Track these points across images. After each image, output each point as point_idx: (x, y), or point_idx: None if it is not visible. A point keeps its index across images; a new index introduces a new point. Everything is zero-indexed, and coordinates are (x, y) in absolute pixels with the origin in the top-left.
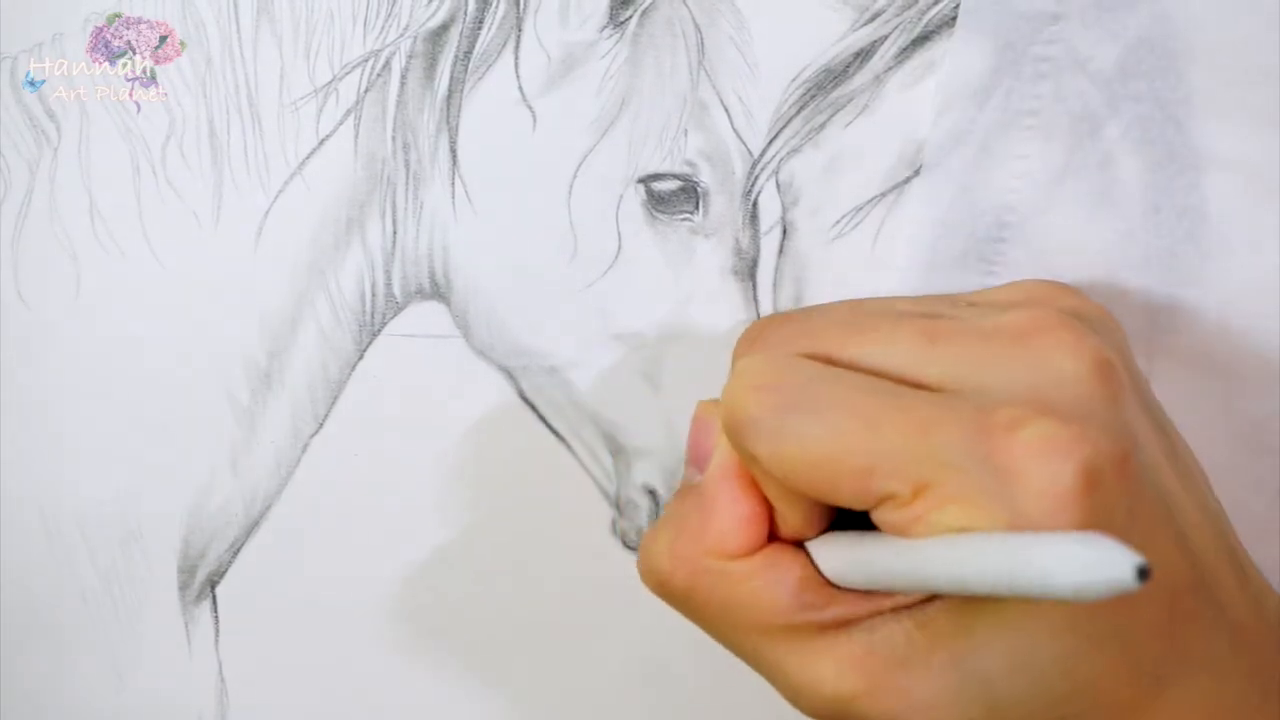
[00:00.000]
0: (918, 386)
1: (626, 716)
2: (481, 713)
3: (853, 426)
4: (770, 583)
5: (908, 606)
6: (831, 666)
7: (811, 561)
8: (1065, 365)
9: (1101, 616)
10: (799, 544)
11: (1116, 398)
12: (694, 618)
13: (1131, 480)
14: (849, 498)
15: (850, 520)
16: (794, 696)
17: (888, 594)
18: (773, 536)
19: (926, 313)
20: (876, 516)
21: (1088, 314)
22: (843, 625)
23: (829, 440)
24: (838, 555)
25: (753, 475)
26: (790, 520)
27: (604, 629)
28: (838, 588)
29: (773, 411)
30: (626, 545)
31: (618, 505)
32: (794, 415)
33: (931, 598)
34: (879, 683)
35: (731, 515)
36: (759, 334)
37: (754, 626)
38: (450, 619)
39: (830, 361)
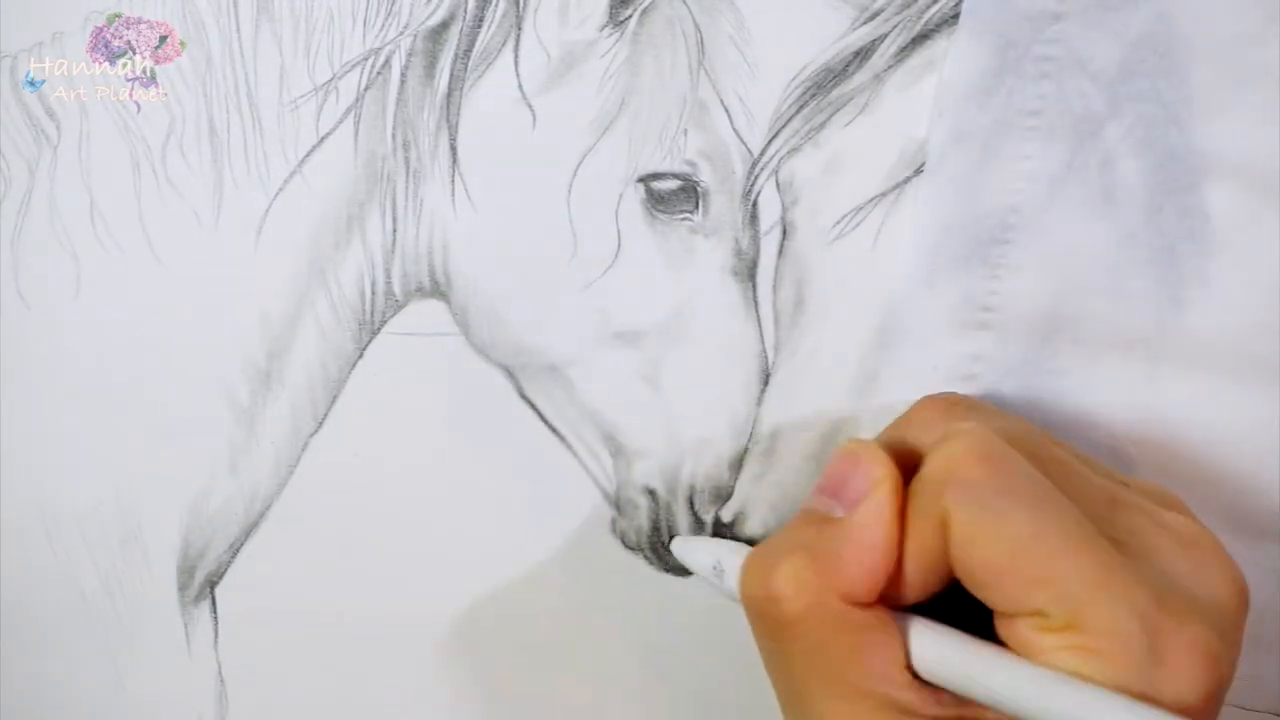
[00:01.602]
0: None
1: (626, 716)
2: (481, 712)
3: (1055, 537)
4: (876, 644)
5: None
6: None
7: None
8: (1221, 589)
9: None
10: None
11: (1243, 631)
12: (776, 646)
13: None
14: (1001, 597)
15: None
16: None
17: (958, 703)
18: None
19: (1095, 470)
20: (1009, 625)
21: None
22: (913, 715)
23: (1028, 538)
24: (945, 645)
25: (901, 528)
26: (911, 582)
27: (604, 628)
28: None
29: (991, 485)
30: (626, 545)
31: (617, 505)
32: (1009, 499)
33: None
34: None
35: (873, 564)
36: (971, 405)
37: (838, 678)
38: (450, 618)
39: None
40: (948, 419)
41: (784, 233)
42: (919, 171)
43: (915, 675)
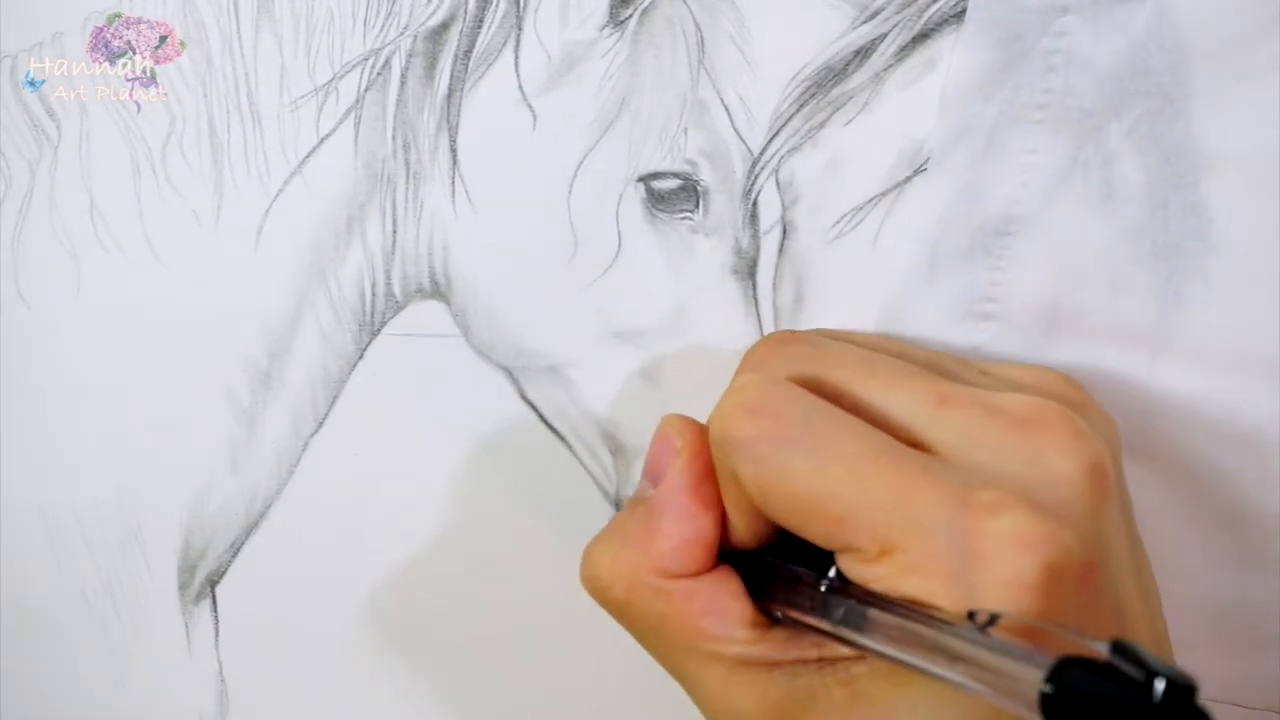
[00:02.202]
0: (915, 445)
1: (627, 715)
2: (481, 712)
3: (839, 473)
4: (706, 610)
5: (832, 661)
6: (751, 702)
7: (747, 587)
8: (1059, 462)
9: None
10: (743, 558)
11: (1100, 507)
12: (628, 628)
13: (1091, 590)
14: (816, 536)
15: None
16: (709, 716)
17: (815, 644)
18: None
19: (941, 371)
20: (839, 560)
21: (1092, 416)
22: (768, 665)
23: (812, 480)
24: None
25: (706, 493)
26: (740, 532)
27: (604, 628)
28: (772, 620)
29: (764, 437)
30: None
31: (617, 505)
32: (785, 447)
33: (859, 657)
34: None
35: (678, 535)
36: (767, 352)
37: (682, 647)
38: (450, 619)
39: (835, 395)
40: (777, 359)
41: (784, 232)
42: (919, 171)
43: (773, 617)
